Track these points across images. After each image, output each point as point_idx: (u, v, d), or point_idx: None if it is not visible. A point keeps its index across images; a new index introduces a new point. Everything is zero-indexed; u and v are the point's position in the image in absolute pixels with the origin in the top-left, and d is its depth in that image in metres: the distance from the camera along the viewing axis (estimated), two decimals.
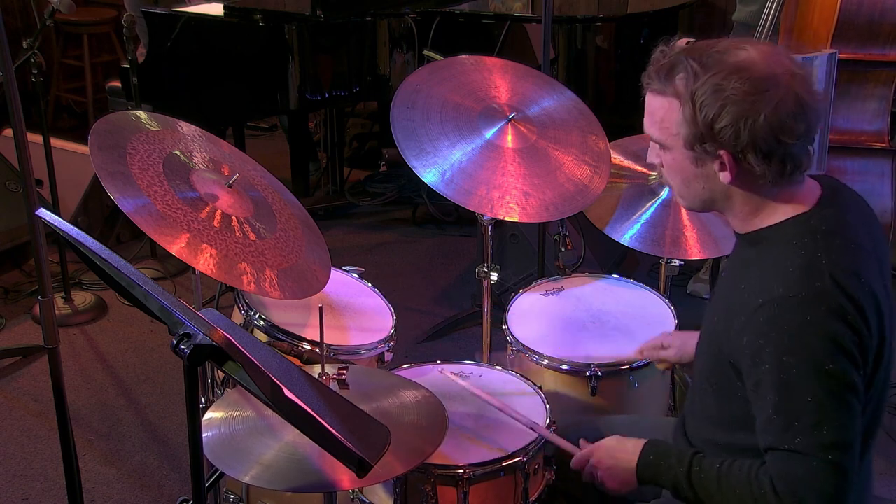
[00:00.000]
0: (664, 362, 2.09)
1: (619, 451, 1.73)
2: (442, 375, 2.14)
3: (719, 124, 1.46)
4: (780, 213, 1.55)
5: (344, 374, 1.80)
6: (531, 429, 1.91)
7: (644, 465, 1.68)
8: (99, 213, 4.30)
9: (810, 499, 1.43)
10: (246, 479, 1.57)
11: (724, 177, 1.53)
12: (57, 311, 2.70)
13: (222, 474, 1.84)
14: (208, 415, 1.73)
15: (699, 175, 1.56)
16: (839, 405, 1.43)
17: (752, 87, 1.45)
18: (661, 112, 1.55)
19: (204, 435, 1.59)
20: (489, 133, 2.35)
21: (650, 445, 1.69)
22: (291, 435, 1.62)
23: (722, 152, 1.50)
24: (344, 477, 1.54)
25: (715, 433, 1.65)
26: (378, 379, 1.95)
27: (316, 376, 1.80)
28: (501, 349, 2.41)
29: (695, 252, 2.41)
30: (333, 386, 1.79)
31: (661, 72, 1.53)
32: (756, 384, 1.48)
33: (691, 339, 1.99)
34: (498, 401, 1.97)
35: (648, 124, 1.59)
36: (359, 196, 4.99)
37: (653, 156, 1.63)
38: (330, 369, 1.81)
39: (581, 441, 1.84)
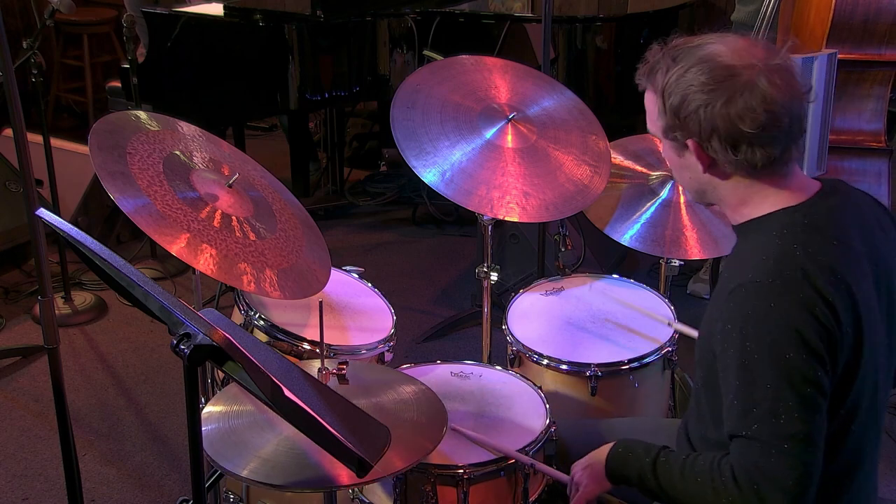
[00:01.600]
0: None
1: (595, 452, 1.75)
2: (444, 375, 2.14)
3: (683, 112, 1.53)
4: (768, 205, 1.57)
5: (344, 368, 1.80)
6: (531, 466, 1.90)
7: (613, 458, 1.69)
8: (99, 213, 4.30)
9: (767, 487, 1.43)
10: (244, 473, 1.56)
11: (699, 166, 1.58)
12: (57, 311, 2.70)
13: (222, 474, 1.84)
14: (207, 408, 1.73)
15: (683, 165, 1.62)
16: (797, 397, 1.42)
17: (710, 77, 1.50)
18: (649, 107, 1.62)
19: (203, 429, 1.59)
20: (489, 133, 2.35)
21: (620, 441, 1.71)
22: (291, 430, 1.61)
23: (689, 141, 1.55)
24: (343, 473, 1.54)
25: (708, 430, 1.65)
26: (377, 374, 1.95)
27: (315, 372, 1.80)
28: (502, 349, 2.41)
29: (695, 252, 2.41)
30: (333, 381, 1.79)
31: (647, 69, 1.60)
32: (724, 368, 1.49)
33: None
34: (480, 436, 1.94)
35: (647, 120, 1.65)
36: (359, 196, 4.99)
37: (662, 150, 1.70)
38: (330, 364, 1.81)
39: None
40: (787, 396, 1.42)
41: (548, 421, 1.99)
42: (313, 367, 1.84)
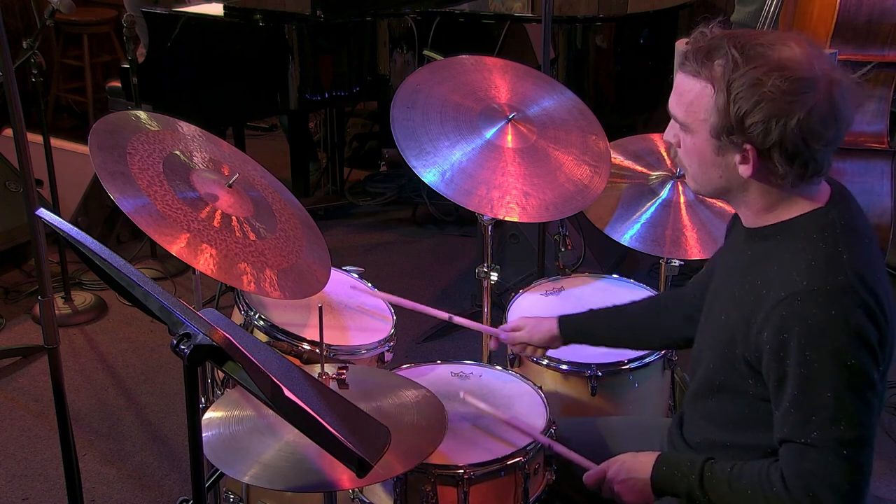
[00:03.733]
0: (519, 344, 2.12)
1: (633, 465, 1.73)
2: (444, 375, 2.14)
3: (751, 119, 1.44)
4: (795, 209, 1.54)
5: (343, 373, 1.80)
6: (533, 437, 1.91)
7: (658, 477, 1.68)
8: (99, 213, 4.30)
9: (824, 493, 1.42)
10: (245, 479, 1.57)
11: (745, 170, 1.50)
12: (57, 311, 2.70)
13: (222, 474, 1.84)
14: (208, 414, 1.73)
15: (718, 163, 1.53)
16: (858, 401, 1.42)
17: (791, 87, 1.42)
18: (692, 95, 1.51)
19: (204, 434, 1.59)
20: (489, 133, 2.35)
21: (663, 457, 1.69)
22: (291, 434, 1.62)
23: (748, 146, 1.47)
24: (343, 476, 1.54)
25: (717, 434, 1.64)
26: (378, 378, 1.95)
27: (315, 376, 1.80)
28: (502, 349, 2.40)
29: (695, 252, 2.41)
30: (333, 386, 1.79)
31: (700, 53, 1.50)
32: (779, 379, 1.47)
33: (544, 322, 2.05)
34: (504, 413, 1.97)
35: (675, 103, 1.56)
36: (359, 196, 4.99)
37: (670, 134, 1.60)
38: (330, 369, 1.81)
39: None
40: (848, 402, 1.42)
41: (548, 421, 1.99)
42: (313, 371, 1.84)
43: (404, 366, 2.19)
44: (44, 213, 1.59)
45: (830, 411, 1.42)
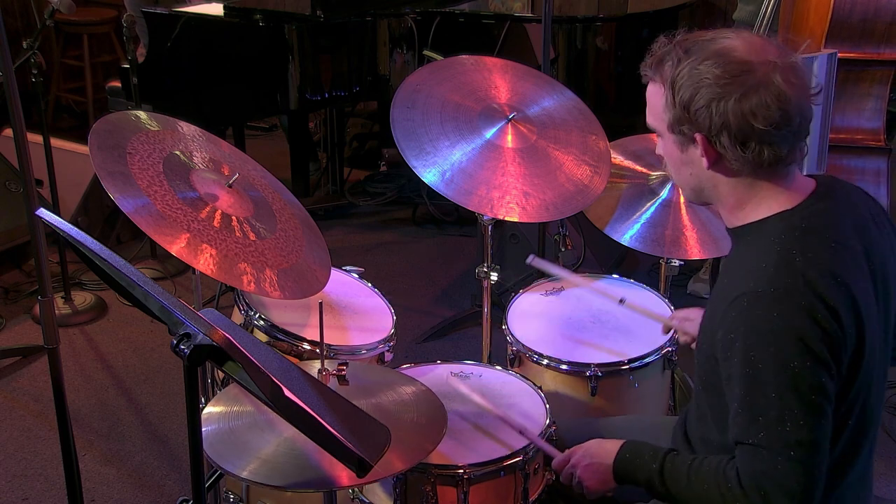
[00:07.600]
0: (687, 335, 2.10)
1: (597, 450, 1.75)
2: (443, 377, 2.14)
3: (694, 106, 1.50)
4: (764, 209, 1.56)
5: (343, 370, 1.80)
6: (520, 433, 1.92)
7: (620, 461, 1.70)
8: (99, 213, 4.30)
9: (775, 493, 1.43)
10: (244, 475, 1.57)
11: (704, 162, 1.55)
12: (57, 311, 2.70)
13: (222, 474, 1.84)
14: (207, 409, 1.73)
15: (685, 161, 1.59)
16: (803, 404, 1.42)
17: (725, 70, 1.47)
18: (654, 99, 1.59)
19: (203, 429, 1.59)
20: (489, 133, 2.35)
21: (627, 444, 1.72)
22: (291, 430, 1.62)
23: (697, 135, 1.53)
24: (343, 474, 1.55)
25: (709, 432, 1.65)
26: (377, 375, 1.95)
27: (315, 373, 1.80)
28: (502, 349, 2.41)
29: (695, 252, 2.41)
30: (333, 382, 1.79)
31: (654, 61, 1.57)
32: (727, 378, 1.50)
33: None
34: (493, 405, 1.97)
35: (647, 113, 1.63)
36: (359, 196, 4.99)
37: (659, 147, 1.67)
38: (330, 365, 1.81)
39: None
40: (793, 404, 1.42)
41: (548, 421, 1.99)
42: (313, 368, 1.84)
43: (404, 366, 2.19)
44: (44, 213, 1.59)
45: (776, 412, 1.43)
